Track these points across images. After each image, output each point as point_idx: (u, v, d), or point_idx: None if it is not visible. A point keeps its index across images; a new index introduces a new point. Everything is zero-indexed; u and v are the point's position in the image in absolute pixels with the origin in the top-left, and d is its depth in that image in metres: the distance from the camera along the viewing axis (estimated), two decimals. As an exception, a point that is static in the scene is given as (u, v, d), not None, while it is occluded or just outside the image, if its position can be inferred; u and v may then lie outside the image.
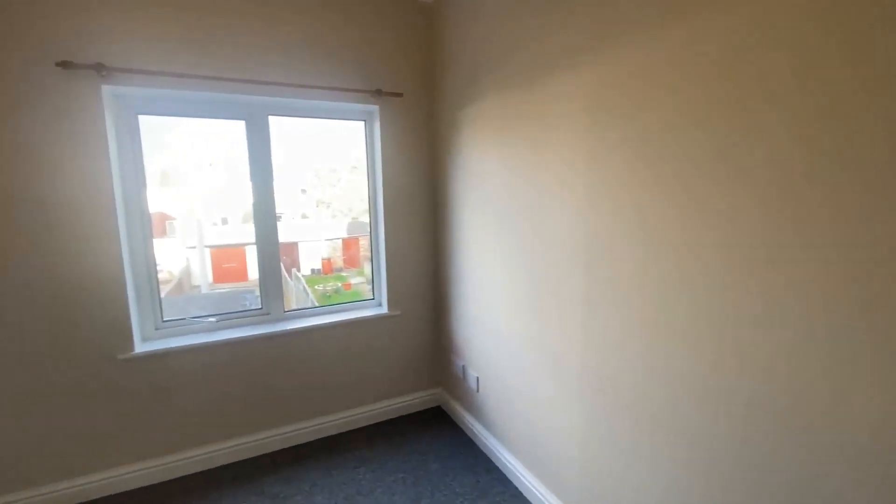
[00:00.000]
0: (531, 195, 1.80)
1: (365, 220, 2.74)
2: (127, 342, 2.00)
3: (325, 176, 2.88)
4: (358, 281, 3.18)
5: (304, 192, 2.85)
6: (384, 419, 2.68)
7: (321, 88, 2.21)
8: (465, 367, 2.50)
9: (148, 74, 1.88)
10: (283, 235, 2.42)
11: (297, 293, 3.17)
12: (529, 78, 1.75)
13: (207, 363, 2.18)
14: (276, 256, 2.41)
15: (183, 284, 2.72)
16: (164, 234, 2.44)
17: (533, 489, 1.95)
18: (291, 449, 2.39)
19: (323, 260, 3.32)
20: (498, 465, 2.23)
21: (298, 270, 3.21)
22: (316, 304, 2.95)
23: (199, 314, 2.32)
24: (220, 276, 2.91)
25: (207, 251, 2.77)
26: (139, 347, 2.05)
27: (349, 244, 3.31)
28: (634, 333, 1.39)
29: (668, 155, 1.23)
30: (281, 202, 2.40)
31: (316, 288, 3.23)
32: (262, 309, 2.43)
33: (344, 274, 3.33)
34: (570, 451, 1.73)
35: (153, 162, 2.10)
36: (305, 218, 2.93)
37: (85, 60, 1.79)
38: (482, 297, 2.26)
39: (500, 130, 1.97)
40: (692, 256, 1.19)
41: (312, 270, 3.31)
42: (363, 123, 2.57)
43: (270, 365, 2.34)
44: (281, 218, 2.42)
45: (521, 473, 2.04)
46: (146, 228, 2.10)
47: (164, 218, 2.43)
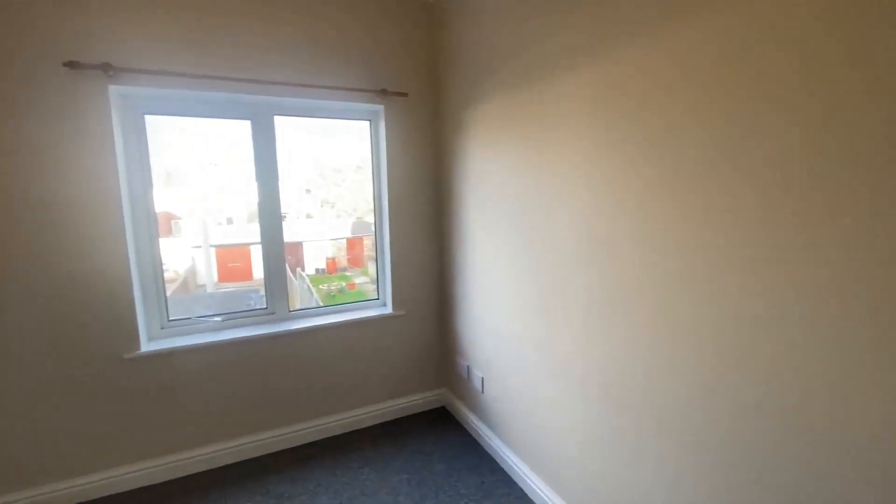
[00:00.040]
0: (535, 195, 1.80)
1: (369, 219, 2.74)
2: (133, 341, 2.01)
3: (329, 176, 2.87)
4: (362, 281, 3.18)
5: (308, 191, 2.85)
6: (388, 419, 2.68)
7: (326, 88, 2.21)
8: (469, 367, 2.49)
9: (154, 74, 1.89)
10: (287, 235, 2.43)
11: (301, 293, 3.17)
12: (531, 78, 1.74)
13: (212, 362, 2.19)
14: (281, 256, 2.41)
15: (188, 283, 2.73)
16: (169, 233, 2.44)
17: (538, 490, 1.94)
18: (296, 449, 2.40)
19: (327, 259, 3.31)
20: (503, 465, 2.22)
21: (303, 270, 3.21)
22: (320, 303, 2.95)
23: (204, 313, 2.33)
24: (225, 275, 2.91)
25: (213, 250, 2.78)
26: (145, 347, 2.05)
27: (353, 244, 3.30)
28: (637, 333, 1.38)
29: (669, 154, 1.22)
30: (286, 202, 2.41)
31: (320, 288, 3.23)
32: (267, 308, 2.43)
33: (348, 274, 3.32)
34: (573, 451, 1.72)
35: (159, 161, 2.11)
36: (310, 218, 2.93)
37: (92, 60, 1.79)
38: (486, 297, 2.25)
39: (503, 130, 1.97)
40: (694, 256, 1.18)
41: (317, 270, 3.31)
42: (368, 123, 2.57)
43: (275, 364, 2.34)
44: (286, 217, 2.43)
45: (525, 474, 2.03)
46: (152, 228, 2.11)
47: (169, 217, 2.43)
